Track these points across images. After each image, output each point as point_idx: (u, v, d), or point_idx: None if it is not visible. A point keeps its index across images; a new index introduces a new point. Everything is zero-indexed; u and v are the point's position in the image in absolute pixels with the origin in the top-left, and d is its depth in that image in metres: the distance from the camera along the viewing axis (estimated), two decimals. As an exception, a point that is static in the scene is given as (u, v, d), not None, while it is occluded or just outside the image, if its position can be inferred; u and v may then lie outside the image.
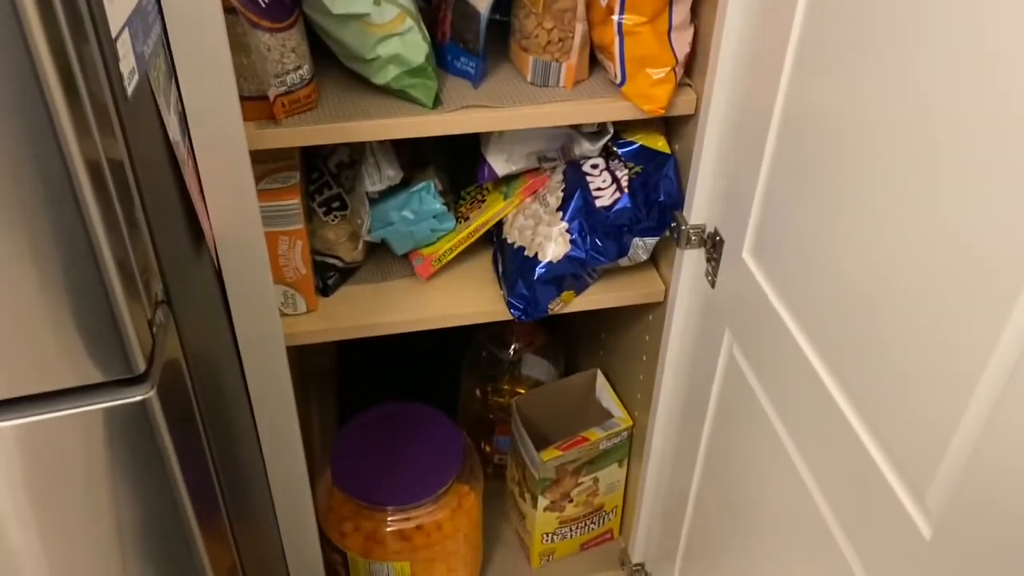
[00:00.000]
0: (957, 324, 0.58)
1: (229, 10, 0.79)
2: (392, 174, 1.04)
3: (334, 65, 0.97)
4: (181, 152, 0.73)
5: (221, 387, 0.88)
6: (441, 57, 0.99)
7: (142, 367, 0.57)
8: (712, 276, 0.98)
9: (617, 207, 1.03)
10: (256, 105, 0.88)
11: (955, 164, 0.57)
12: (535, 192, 1.10)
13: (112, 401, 0.57)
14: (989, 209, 0.54)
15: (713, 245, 0.97)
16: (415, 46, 0.90)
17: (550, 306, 1.08)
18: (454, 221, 1.10)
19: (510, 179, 1.11)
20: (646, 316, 1.20)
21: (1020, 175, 0.51)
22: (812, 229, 0.77)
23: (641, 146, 1.05)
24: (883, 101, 0.64)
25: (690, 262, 1.03)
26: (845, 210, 0.71)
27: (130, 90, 0.60)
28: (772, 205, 0.85)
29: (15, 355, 0.55)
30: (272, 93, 0.87)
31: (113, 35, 0.57)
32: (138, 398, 0.57)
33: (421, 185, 1.07)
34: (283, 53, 0.86)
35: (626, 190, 1.03)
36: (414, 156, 1.11)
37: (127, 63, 0.60)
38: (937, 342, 0.60)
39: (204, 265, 0.83)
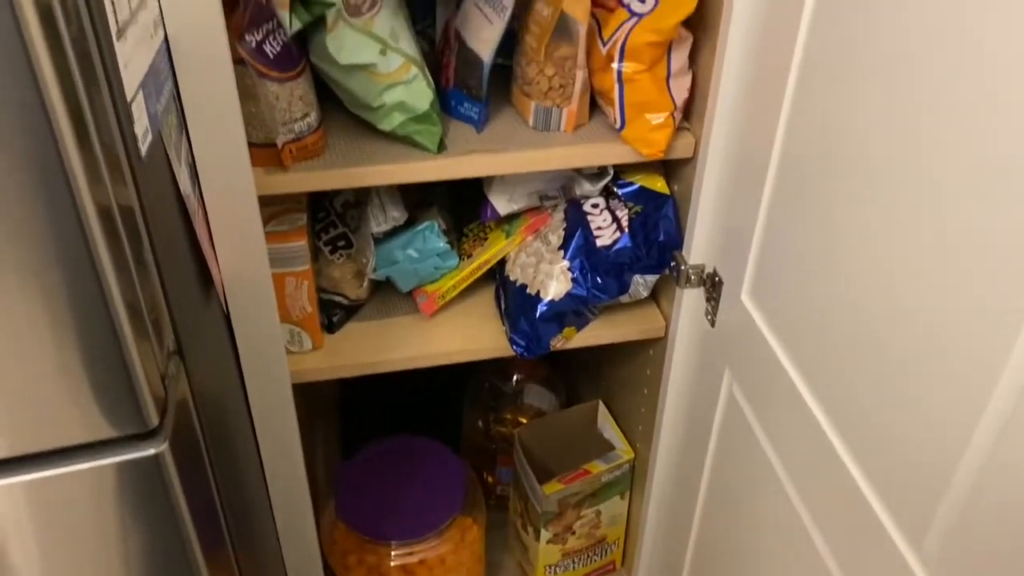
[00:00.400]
0: (954, 371, 0.59)
1: (238, 61, 0.81)
2: (397, 215, 1.06)
3: (340, 109, 0.99)
4: (192, 204, 0.75)
5: (228, 426, 0.89)
6: (445, 102, 1.01)
7: (155, 422, 0.59)
8: (712, 315, 0.99)
9: (617, 246, 1.05)
10: (264, 152, 0.90)
11: (955, 207, 0.58)
12: (537, 231, 1.12)
13: (124, 456, 0.58)
14: (989, 252, 0.55)
15: (712, 285, 0.98)
16: (420, 93, 0.92)
17: (552, 342, 1.10)
18: (457, 259, 1.12)
19: (512, 217, 1.13)
20: (647, 350, 1.21)
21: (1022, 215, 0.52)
22: (811, 273, 0.78)
23: (641, 187, 1.06)
24: (883, 145, 0.65)
25: (690, 300, 1.05)
26: (844, 255, 0.72)
27: (144, 150, 0.62)
28: (771, 248, 0.86)
29: (27, 412, 0.57)
30: (280, 140, 0.89)
31: (128, 98, 0.59)
32: (151, 452, 0.58)
33: (425, 225, 1.09)
34: (291, 102, 0.88)
35: (626, 230, 1.05)
36: (418, 195, 1.13)
37: (141, 124, 0.62)
38: (934, 388, 0.62)
39: (213, 310, 0.84)
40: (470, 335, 1.12)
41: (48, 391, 0.57)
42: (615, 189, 1.09)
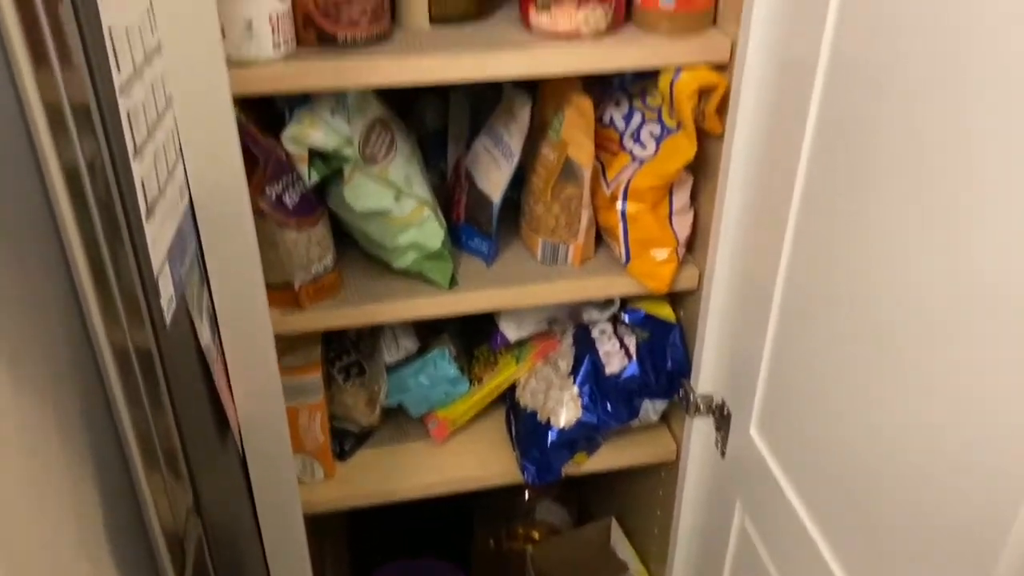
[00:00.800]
0: (964, 520, 0.59)
1: (258, 212, 0.85)
2: (409, 345, 1.08)
3: (355, 243, 1.02)
4: (212, 355, 0.77)
5: (240, 562, 0.89)
6: (456, 235, 1.04)
7: (172, 591, 0.59)
8: (721, 446, 1.00)
9: (626, 374, 1.07)
10: (282, 293, 0.92)
11: (958, 341, 0.58)
12: (546, 356, 1.14)
13: (141, 626, 0.58)
14: (997, 386, 0.55)
15: (721, 416, 0.99)
16: (432, 233, 0.95)
17: (563, 469, 1.10)
18: (468, 384, 1.14)
19: (521, 342, 1.15)
20: (659, 471, 1.21)
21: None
22: (818, 409, 0.79)
23: (647, 314, 1.09)
24: (883, 280, 0.67)
25: (700, 428, 1.05)
26: (851, 389, 0.73)
27: (168, 318, 0.65)
28: (778, 382, 0.87)
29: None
30: (298, 282, 0.92)
31: (155, 273, 0.62)
32: (167, 621, 0.59)
33: (436, 352, 1.11)
34: (309, 247, 0.91)
35: (634, 356, 1.07)
36: (429, 322, 1.16)
37: (166, 294, 0.65)
38: (942, 537, 0.61)
39: (229, 453, 0.86)
40: (481, 462, 1.13)
41: (62, 561, 0.58)
42: (622, 315, 1.11)
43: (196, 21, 0.69)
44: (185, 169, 0.74)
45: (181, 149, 0.73)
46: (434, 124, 1.15)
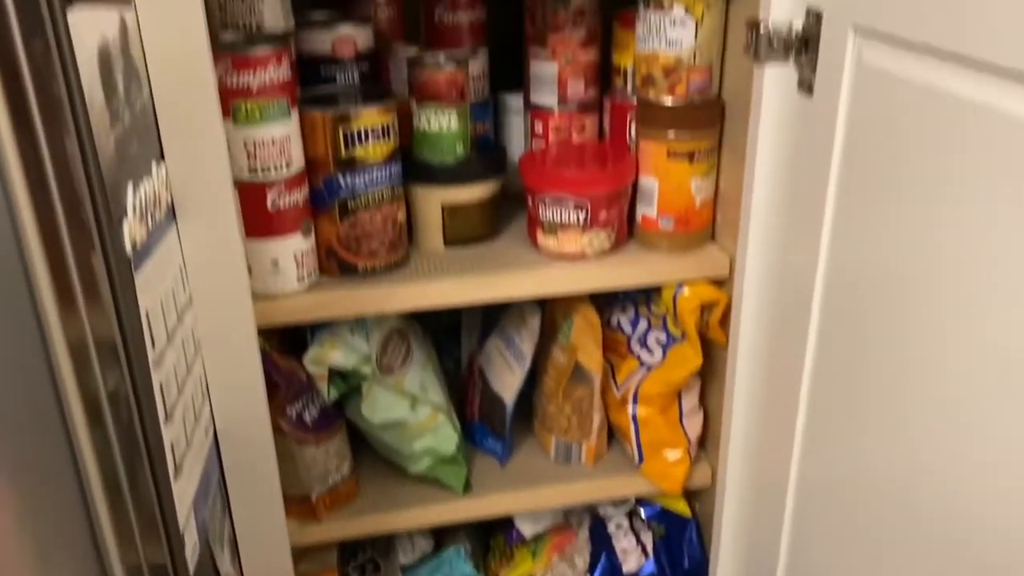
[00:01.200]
0: None
1: (278, 431, 0.88)
2: (424, 545, 1.08)
3: (370, 446, 1.04)
4: (230, 587, 0.78)
5: None
6: (470, 433, 1.06)
7: None
8: (744, 652, 0.98)
9: (643, 573, 1.06)
10: (299, 505, 0.94)
11: (975, 545, 0.58)
12: (562, 550, 1.13)
13: None
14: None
15: (742, 621, 0.98)
16: (446, 438, 0.97)
17: (583, 671, 1.07)
18: (485, 582, 1.13)
19: (537, 536, 1.14)
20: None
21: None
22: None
23: (663, 509, 1.09)
24: (896, 474, 0.67)
25: (721, 631, 1.03)
26: None
27: (192, 566, 0.66)
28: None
29: None
30: (315, 494, 0.93)
31: (180, 528, 0.64)
32: None
33: (451, 551, 1.10)
34: (327, 460, 0.93)
35: (650, 555, 1.06)
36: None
37: (191, 542, 0.66)
38: None
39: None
40: (499, 663, 1.10)
41: None
42: (638, 508, 1.11)
43: (225, 269, 0.73)
44: (210, 403, 0.77)
45: (207, 386, 0.76)
46: (448, 317, 1.19)
